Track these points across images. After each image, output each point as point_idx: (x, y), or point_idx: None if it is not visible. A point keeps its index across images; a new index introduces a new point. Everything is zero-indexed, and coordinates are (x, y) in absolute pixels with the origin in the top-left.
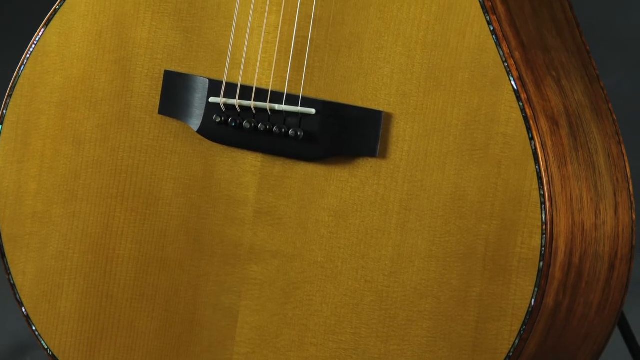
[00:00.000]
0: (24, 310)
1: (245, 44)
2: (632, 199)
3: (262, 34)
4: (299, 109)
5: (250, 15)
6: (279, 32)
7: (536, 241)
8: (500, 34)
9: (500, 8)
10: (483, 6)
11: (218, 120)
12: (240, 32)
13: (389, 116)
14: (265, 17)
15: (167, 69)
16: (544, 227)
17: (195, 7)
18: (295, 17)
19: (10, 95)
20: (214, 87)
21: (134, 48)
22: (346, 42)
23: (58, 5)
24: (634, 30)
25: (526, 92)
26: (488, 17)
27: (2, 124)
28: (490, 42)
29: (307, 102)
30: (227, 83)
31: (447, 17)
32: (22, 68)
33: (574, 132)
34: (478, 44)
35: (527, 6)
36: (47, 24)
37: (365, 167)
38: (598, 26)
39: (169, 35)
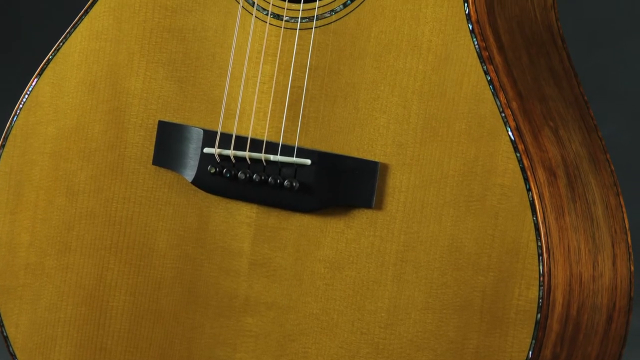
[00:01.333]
0: None
1: (240, 94)
2: (630, 250)
3: (257, 84)
4: (294, 159)
5: (245, 65)
6: (274, 82)
7: (533, 293)
8: (497, 84)
9: (497, 58)
10: (480, 56)
11: (212, 171)
12: (235, 82)
13: (385, 167)
14: (260, 67)
15: (161, 119)
16: (541, 278)
17: (190, 57)
18: (290, 67)
19: (2, 146)
20: (209, 138)
21: (128, 98)
22: (342, 92)
23: (51, 55)
24: (631, 80)
25: (523, 142)
26: (485, 67)
27: None
28: (487, 92)
29: (302, 152)
30: (221, 133)
31: (444, 67)
32: (14, 119)
33: (571, 183)
34: (475, 94)
35: (524, 56)
36: (40, 74)
37: (361, 218)
38: (596, 76)
39: (163, 85)
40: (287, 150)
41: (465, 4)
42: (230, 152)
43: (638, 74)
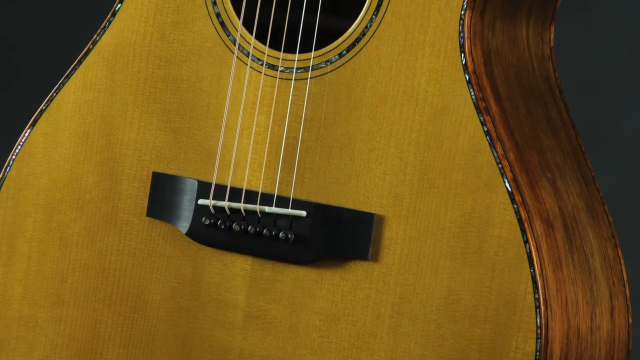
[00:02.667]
0: None
1: (235, 145)
2: (629, 302)
3: (252, 135)
4: (289, 211)
5: (240, 116)
6: (269, 133)
7: (531, 346)
8: (494, 135)
9: (494, 109)
10: (477, 107)
11: (207, 222)
12: (230, 133)
13: (381, 218)
14: (255, 117)
15: (155, 171)
16: (538, 331)
17: (184, 108)
18: (285, 117)
19: None
20: (203, 189)
21: (122, 149)
22: (338, 143)
23: (44, 105)
24: (630, 131)
25: (521, 194)
26: (482, 117)
27: None
28: (484, 143)
29: (297, 204)
30: (216, 185)
31: (441, 118)
32: (7, 169)
33: (569, 234)
34: (472, 145)
35: (522, 107)
36: (33, 125)
37: (357, 270)
38: (594, 127)
39: (157, 136)
40: (283, 201)
41: (462, 54)
42: (225, 204)
43: (636, 125)
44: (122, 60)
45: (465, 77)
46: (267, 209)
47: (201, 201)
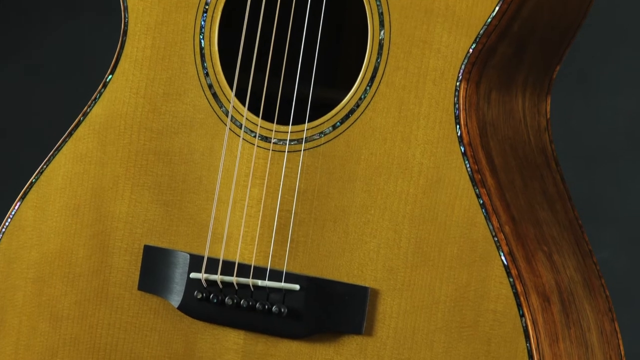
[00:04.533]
0: None
1: (227, 218)
2: None
3: (245, 208)
4: (282, 285)
5: (233, 189)
6: (262, 205)
7: None
8: (489, 208)
9: (490, 181)
10: (472, 179)
11: (199, 296)
12: (222, 206)
13: (375, 292)
14: (248, 190)
15: (147, 244)
16: None
17: (176, 181)
18: (278, 190)
19: None
20: (195, 262)
21: (113, 222)
22: (331, 216)
23: (34, 178)
24: (627, 204)
25: (517, 267)
26: (477, 190)
27: None
28: (480, 216)
29: (291, 277)
30: (208, 258)
31: (436, 190)
32: None
33: (565, 308)
34: (467, 217)
35: (518, 179)
36: (23, 198)
37: (351, 344)
38: (591, 200)
39: (149, 209)
40: (276, 275)
41: (457, 126)
42: (217, 277)
43: (633, 197)
44: (113, 132)
45: (461, 149)
46: (259, 282)
47: (193, 275)
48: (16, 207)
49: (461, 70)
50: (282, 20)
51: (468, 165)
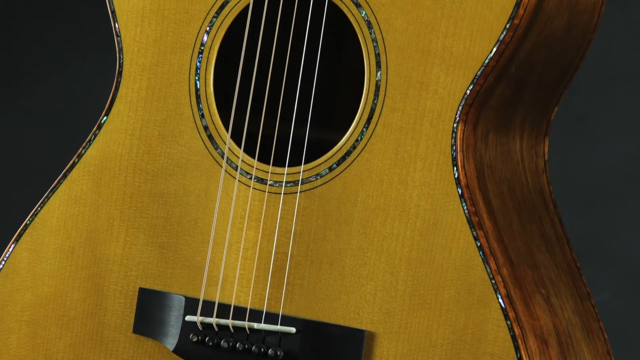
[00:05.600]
0: None
1: (223, 261)
2: None
3: (241, 250)
4: (278, 328)
5: (228, 231)
6: (257, 248)
7: None
8: (487, 250)
9: (488, 223)
10: (470, 221)
11: (195, 339)
12: (218, 248)
13: (372, 335)
14: (244, 232)
15: (142, 286)
16: None
17: (171, 223)
18: (274, 232)
19: None
20: (191, 305)
21: (108, 264)
22: (328, 258)
23: (28, 220)
24: (625, 246)
25: (514, 310)
26: (475, 232)
27: None
28: (477, 258)
29: (287, 320)
30: (204, 301)
31: (433, 233)
32: None
33: (563, 351)
34: (464, 260)
35: (515, 221)
36: (17, 240)
37: None
38: (589, 242)
39: (144, 251)
40: (271, 318)
41: (455, 168)
42: (213, 320)
43: (631, 239)
44: (108, 173)
45: (458, 191)
46: (255, 325)
47: (188, 317)
48: (10, 250)
49: (458, 112)
50: (279, 61)
51: (465, 208)
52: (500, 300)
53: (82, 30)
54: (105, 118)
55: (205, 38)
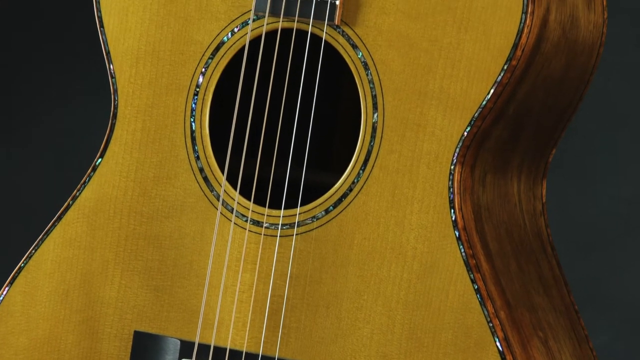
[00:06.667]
0: None
1: (219, 304)
2: None
3: (236, 293)
4: None
5: (224, 274)
6: (253, 291)
7: None
8: (484, 293)
9: (485, 266)
10: (467, 264)
11: None
12: (213, 291)
13: None
14: (240, 275)
15: (137, 330)
16: None
17: (167, 265)
18: (270, 275)
19: None
20: (186, 349)
21: (102, 308)
22: (324, 302)
23: (23, 262)
24: (623, 289)
25: (512, 353)
26: (472, 275)
27: None
28: (475, 301)
29: None
30: (199, 344)
31: (430, 276)
32: None
33: None
34: (461, 303)
35: (513, 263)
36: (11, 283)
37: None
38: (587, 284)
39: (139, 294)
40: None
41: (452, 210)
42: None
43: (630, 282)
44: (103, 216)
45: (455, 234)
46: None
47: None
48: (4, 292)
49: (456, 154)
50: (275, 103)
51: (463, 250)
52: (498, 344)
53: (76, 70)
54: (100, 160)
55: (200, 79)
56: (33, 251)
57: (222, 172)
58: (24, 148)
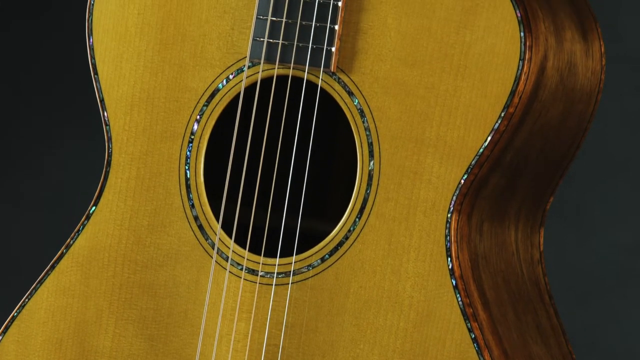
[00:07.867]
0: None
1: (214, 353)
2: None
3: (231, 342)
4: None
5: (219, 323)
6: (248, 340)
7: None
8: (481, 343)
9: (482, 315)
10: (464, 313)
11: None
12: (208, 340)
13: None
14: (235, 324)
15: None
16: None
17: (161, 314)
18: (266, 324)
19: None
20: None
21: (97, 357)
22: (320, 351)
23: (16, 311)
24: (622, 339)
25: None
26: (469, 324)
27: None
28: (472, 350)
29: None
30: None
31: (426, 325)
32: None
33: None
34: (459, 352)
35: (510, 313)
36: (4, 332)
37: None
38: (585, 334)
39: (133, 343)
40: None
41: (449, 259)
42: None
43: (629, 332)
44: (97, 264)
45: (452, 282)
46: None
47: None
48: None
49: (452, 202)
50: (270, 150)
51: (459, 299)
52: None
53: (70, 117)
54: (94, 208)
55: (195, 127)
56: (26, 300)
57: (217, 220)
58: (17, 195)
